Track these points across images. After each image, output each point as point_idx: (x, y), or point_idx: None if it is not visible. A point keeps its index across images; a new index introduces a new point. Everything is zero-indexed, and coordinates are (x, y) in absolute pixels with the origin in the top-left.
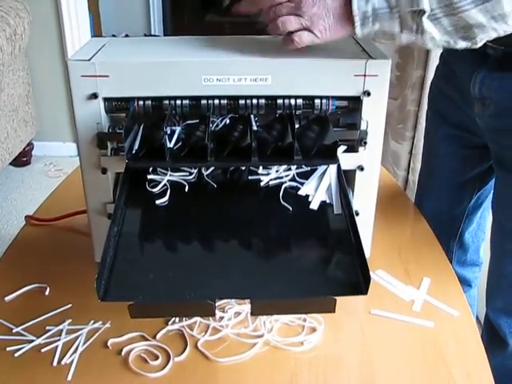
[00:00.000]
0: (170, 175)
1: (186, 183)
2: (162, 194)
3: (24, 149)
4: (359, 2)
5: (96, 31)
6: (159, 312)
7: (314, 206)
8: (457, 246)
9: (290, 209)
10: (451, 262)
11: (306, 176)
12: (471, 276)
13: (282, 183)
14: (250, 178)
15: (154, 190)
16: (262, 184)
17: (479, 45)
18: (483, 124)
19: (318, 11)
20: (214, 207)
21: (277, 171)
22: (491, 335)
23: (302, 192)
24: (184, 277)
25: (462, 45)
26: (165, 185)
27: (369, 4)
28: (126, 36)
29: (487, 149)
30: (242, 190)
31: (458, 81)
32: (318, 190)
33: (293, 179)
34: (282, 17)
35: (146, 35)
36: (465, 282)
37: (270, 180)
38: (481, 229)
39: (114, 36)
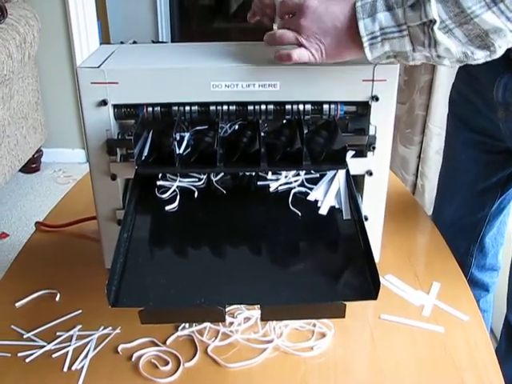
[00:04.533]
0: (180, 181)
1: (195, 189)
2: (171, 200)
3: (33, 155)
4: (365, 21)
5: (104, 38)
6: (169, 318)
7: (323, 211)
8: (477, 250)
9: (299, 214)
10: (471, 267)
11: (314, 181)
12: (489, 281)
13: (291, 189)
14: (259, 183)
15: (164, 196)
16: (271, 190)
17: (499, 53)
18: (507, 129)
19: (318, 30)
20: (223, 213)
21: (286, 177)
22: (511, 340)
23: (311, 197)
24: (194, 282)
25: (480, 55)
26: (174, 191)
27: (376, 23)
28: (134, 43)
29: (510, 154)
30: (251, 196)
31: (480, 86)
32: (327, 195)
33: (302, 185)
34: (281, 30)
35: (153, 42)
36: (483, 287)
37: (279, 186)
38: (500, 233)
39: (122, 43)
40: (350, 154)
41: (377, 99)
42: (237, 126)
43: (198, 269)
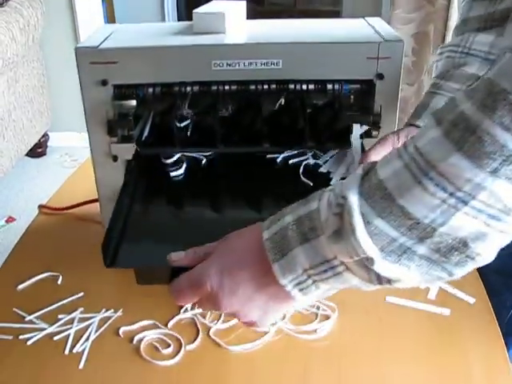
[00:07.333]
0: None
1: (203, 157)
2: (177, 167)
3: (39, 140)
4: (281, 263)
5: (110, 20)
6: (166, 277)
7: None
8: None
9: (311, 184)
10: None
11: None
12: None
13: (302, 161)
14: (268, 156)
15: (169, 161)
16: (278, 161)
17: (487, 261)
18: None
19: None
20: (229, 182)
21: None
22: None
23: (323, 169)
24: (194, 246)
25: (459, 272)
26: (180, 158)
27: (295, 265)
28: None
29: None
30: (261, 167)
31: None
32: (339, 167)
33: (314, 157)
34: None
35: None
36: None
37: (289, 158)
38: None
39: None
40: (362, 129)
41: (382, 77)
42: (239, 106)
43: (200, 234)
